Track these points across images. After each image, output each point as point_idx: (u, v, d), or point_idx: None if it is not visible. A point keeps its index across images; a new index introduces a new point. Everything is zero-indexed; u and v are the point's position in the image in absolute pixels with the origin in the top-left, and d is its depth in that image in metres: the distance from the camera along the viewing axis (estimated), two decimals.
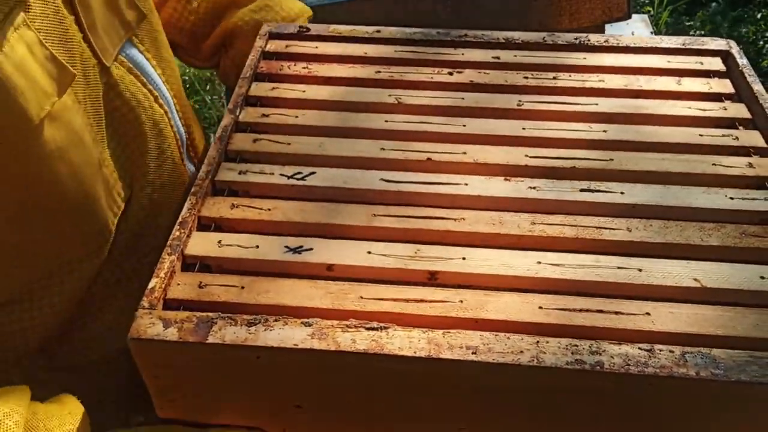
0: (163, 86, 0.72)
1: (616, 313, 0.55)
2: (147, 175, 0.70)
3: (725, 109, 0.76)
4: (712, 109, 0.75)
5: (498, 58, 0.82)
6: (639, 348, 0.52)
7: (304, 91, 0.77)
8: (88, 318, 0.70)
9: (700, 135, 0.72)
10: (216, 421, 0.60)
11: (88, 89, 0.60)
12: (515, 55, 0.83)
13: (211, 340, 0.52)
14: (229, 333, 0.53)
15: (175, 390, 0.57)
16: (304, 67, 0.81)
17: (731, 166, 0.68)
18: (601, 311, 0.55)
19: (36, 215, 0.58)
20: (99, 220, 0.64)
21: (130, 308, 0.56)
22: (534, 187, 0.66)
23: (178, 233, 0.61)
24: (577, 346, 0.52)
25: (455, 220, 0.63)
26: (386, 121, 0.74)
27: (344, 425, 0.60)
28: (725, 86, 0.79)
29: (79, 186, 0.60)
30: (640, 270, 0.58)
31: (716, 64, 0.82)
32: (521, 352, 0.52)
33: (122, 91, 0.66)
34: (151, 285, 0.56)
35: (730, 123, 0.74)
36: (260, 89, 0.78)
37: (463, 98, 0.76)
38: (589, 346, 0.52)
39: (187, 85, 2.19)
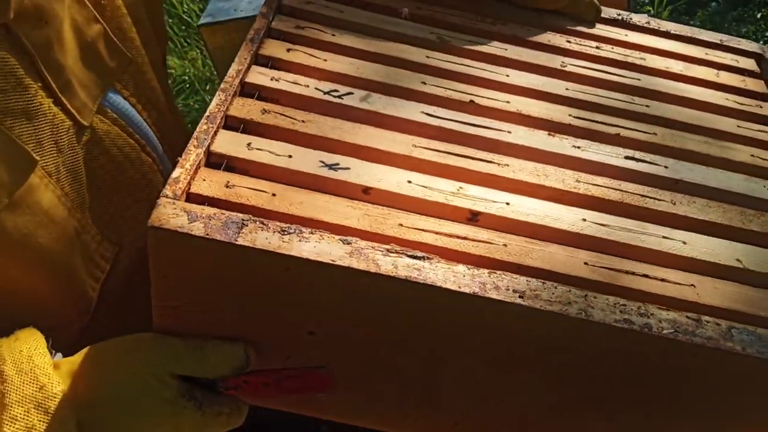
0: (150, 132, 0.67)
1: (662, 280, 0.53)
2: (137, 228, 0.66)
3: (760, 107, 0.75)
4: (749, 105, 0.75)
5: (541, 18, 0.79)
6: (687, 316, 0.50)
7: (342, 12, 0.72)
8: None
9: (738, 126, 0.71)
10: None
11: (62, 157, 0.55)
12: (557, 19, 0.80)
13: (240, 241, 0.47)
14: (260, 237, 0.48)
15: (181, 295, 0.52)
16: None
17: None
18: (647, 276, 0.53)
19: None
20: (76, 291, 0.60)
21: None
22: (578, 147, 0.63)
23: (205, 127, 0.55)
24: (625, 305, 0.50)
25: (498, 164, 0.60)
26: (427, 57, 0.69)
27: (356, 361, 0.56)
28: (760, 86, 0.78)
29: (50, 267, 0.56)
30: (684, 243, 0.57)
31: (750, 64, 0.82)
32: (569, 303, 0.49)
33: (108, 147, 0.61)
34: (175, 174, 0.51)
35: (765, 120, 0.73)
36: (295, 0, 0.72)
37: (506, 49, 0.73)
38: (638, 308, 0.50)
39: (187, 85, 2.09)
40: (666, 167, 0.63)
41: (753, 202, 0.62)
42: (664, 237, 0.57)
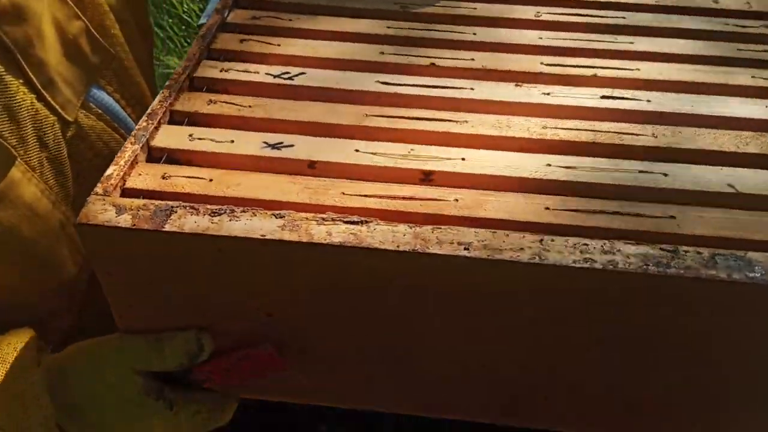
0: (134, 127, 0.68)
1: (637, 215, 0.48)
2: None
3: (767, 26, 0.68)
4: (753, 26, 0.68)
5: None
6: (660, 249, 0.44)
7: None
8: None
9: (738, 49, 0.64)
10: None
11: (45, 152, 0.56)
12: None
13: (168, 228, 0.46)
14: (189, 222, 0.46)
15: (129, 292, 0.51)
16: None
17: None
18: (618, 213, 0.48)
19: None
20: (65, 282, 0.61)
21: None
22: (548, 93, 0.58)
23: (144, 124, 0.54)
24: (587, 245, 0.45)
25: (457, 122, 0.56)
26: (388, 27, 0.67)
27: (321, 337, 0.53)
28: (767, 5, 0.71)
29: (36, 259, 0.57)
30: (665, 174, 0.51)
31: None
32: (521, 249, 0.44)
33: (94, 142, 0.62)
34: (108, 172, 0.50)
35: None
36: None
37: (475, 8, 0.69)
38: (602, 246, 0.45)
39: None
40: (649, 101, 0.58)
41: (750, 124, 0.55)
42: (640, 171, 0.51)
